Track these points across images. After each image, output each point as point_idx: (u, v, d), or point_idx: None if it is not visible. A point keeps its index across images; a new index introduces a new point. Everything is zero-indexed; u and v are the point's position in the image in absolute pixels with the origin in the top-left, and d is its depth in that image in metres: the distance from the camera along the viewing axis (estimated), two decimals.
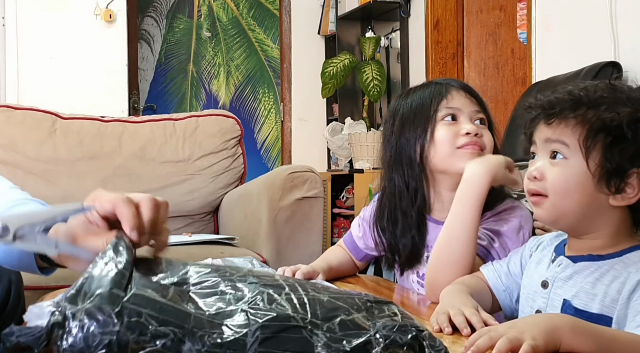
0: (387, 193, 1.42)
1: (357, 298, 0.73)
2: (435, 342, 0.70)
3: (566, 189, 0.96)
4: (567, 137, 0.96)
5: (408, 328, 0.69)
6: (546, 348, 0.78)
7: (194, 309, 0.66)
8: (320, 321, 0.67)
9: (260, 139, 5.21)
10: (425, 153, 1.36)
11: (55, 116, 2.76)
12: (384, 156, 1.44)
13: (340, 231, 4.67)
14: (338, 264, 1.50)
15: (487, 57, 3.95)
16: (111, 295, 0.63)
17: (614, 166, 0.94)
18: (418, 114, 1.39)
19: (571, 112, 0.96)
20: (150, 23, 5.05)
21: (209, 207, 2.80)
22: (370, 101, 4.59)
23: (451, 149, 1.34)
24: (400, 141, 1.40)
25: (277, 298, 0.68)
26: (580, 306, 0.95)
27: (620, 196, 0.95)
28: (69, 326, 0.61)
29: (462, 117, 1.37)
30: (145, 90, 5.02)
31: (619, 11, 2.76)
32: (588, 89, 0.98)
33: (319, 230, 2.42)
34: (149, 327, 0.62)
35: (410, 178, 1.39)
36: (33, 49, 4.07)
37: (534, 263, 1.08)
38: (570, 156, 0.96)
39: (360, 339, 0.66)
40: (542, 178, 0.99)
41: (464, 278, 1.18)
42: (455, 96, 1.38)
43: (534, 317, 0.96)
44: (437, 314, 0.98)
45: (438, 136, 1.35)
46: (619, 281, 0.93)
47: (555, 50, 3.14)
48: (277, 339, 0.64)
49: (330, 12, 5.03)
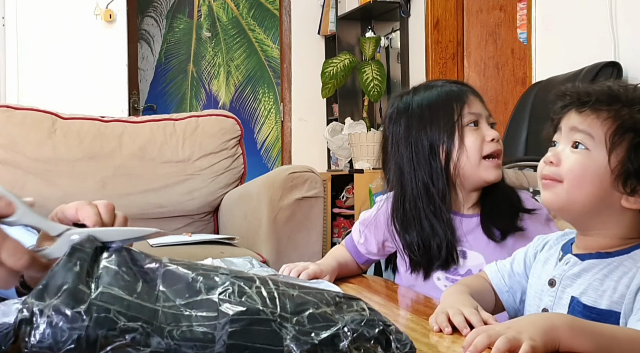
0: (409, 194, 1.40)
1: (326, 293, 0.74)
2: (401, 337, 0.72)
3: (582, 177, 0.96)
4: (595, 128, 0.96)
5: (375, 323, 0.71)
6: (545, 348, 0.78)
7: (163, 300, 0.66)
8: (290, 315, 0.68)
9: (260, 139, 5.21)
10: (452, 157, 1.37)
11: (55, 116, 2.76)
12: (396, 155, 1.42)
13: (340, 231, 4.67)
14: (344, 263, 1.50)
15: (487, 57, 3.95)
16: (78, 291, 0.63)
17: (635, 167, 0.94)
18: (437, 117, 1.39)
19: (605, 105, 0.96)
20: (150, 23, 5.05)
21: (209, 207, 2.80)
22: (370, 101, 4.59)
23: (478, 158, 1.37)
24: (420, 141, 1.39)
25: (248, 291, 0.69)
26: (589, 303, 0.95)
27: (633, 199, 0.95)
28: (36, 322, 0.61)
29: (482, 123, 1.39)
30: (145, 90, 5.02)
31: (619, 11, 2.77)
32: (626, 88, 0.98)
33: (319, 230, 2.42)
34: (118, 322, 0.62)
35: (437, 180, 1.38)
36: (33, 49, 4.07)
37: (541, 263, 1.08)
38: (592, 148, 0.96)
39: (328, 332, 0.67)
40: (558, 164, 0.98)
41: (466, 279, 1.18)
42: (473, 101, 1.40)
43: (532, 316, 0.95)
44: (437, 314, 0.98)
45: (468, 142, 1.37)
46: (628, 277, 0.93)
47: (555, 50, 3.14)
48: (246, 332, 0.65)
49: (330, 12, 5.04)
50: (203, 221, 2.81)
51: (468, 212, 1.42)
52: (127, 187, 2.69)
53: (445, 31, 4.15)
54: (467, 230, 1.39)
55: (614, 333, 0.84)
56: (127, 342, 0.62)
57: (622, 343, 0.82)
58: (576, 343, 0.80)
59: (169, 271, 0.69)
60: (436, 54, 4.15)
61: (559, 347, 0.79)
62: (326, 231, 4.45)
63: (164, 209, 2.72)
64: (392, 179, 1.44)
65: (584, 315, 0.94)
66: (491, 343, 0.79)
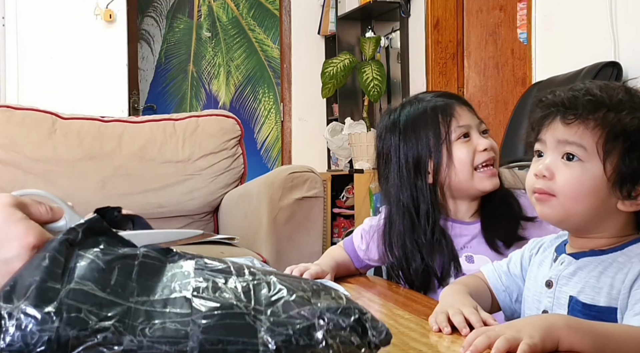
0: (396, 219, 1.40)
1: (303, 281, 0.74)
2: (377, 324, 0.71)
3: (579, 191, 0.95)
4: (586, 139, 0.94)
5: (351, 311, 0.70)
6: (543, 347, 0.78)
7: (137, 295, 0.65)
8: (264, 306, 0.68)
9: (260, 139, 5.21)
10: (441, 173, 1.37)
11: (55, 116, 2.76)
12: (386, 178, 1.42)
13: (340, 231, 4.67)
14: (343, 263, 1.50)
15: (487, 57, 3.95)
16: (47, 289, 0.62)
17: (629, 171, 0.93)
18: (425, 133, 1.38)
19: (591, 113, 0.94)
20: (150, 23, 5.06)
21: (209, 207, 2.80)
22: (370, 101, 4.59)
23: (470, 170, 1.36)
24: (407, 161, 1.39)
25: (222, 286, 0.69)
26: (588, 301, 0.95)
27: (629, 202, 0.95)
28: (5, 325, 0.60)
29: (474, 133, 1.38)
30: (145, 90, 5.02)
31: (619, 11, 2.77)
32: (607, 91, 0.96)
33: (319, 230, 2.42)
34: (89, 322, 0.61)
35: (422, 201, 1.37)
36: (33, 49, 4.07)
37: (536, 265, 1.08)
38: (586, 159, 0.95)
39: (303, 323, 0.67)
40: (551, 177, 0.97)
41: (463, 278, 1.18)
42: (461, 113, 1.38)
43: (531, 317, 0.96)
44: (436, 314, 0.98)
45: (458, 156, 1.36)
46: (623, 273, 0.93)
47: (555, 50, 3.14)
48: (219, 326, 0.65)
49: (330, 12, 5.04)
50: (203, 221, 2.81)
51: (470, 219, 1.41)
52: (127, 187, 2.69)
53: (445, 31, 4.15)
54: (471, 236, 1.40)
55: (610, 330, 0.84)
56: (99, 341, 0.61)
57: (619, 340, 0.82)
58: (574, 342, 0.80)
59: (144, 263, 0.68)
60: (436, 54, 4.15)
61: (558, 346, 0.80)
62: (326, 231, 4.45)
63: (164, 209, 2.72)
64: (383, 196, 1.44)
65: (583, 313, 0.94)
66: (491, 343, 0.79)
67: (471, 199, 1.41)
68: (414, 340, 0.94)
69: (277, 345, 0.65)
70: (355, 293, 1.32)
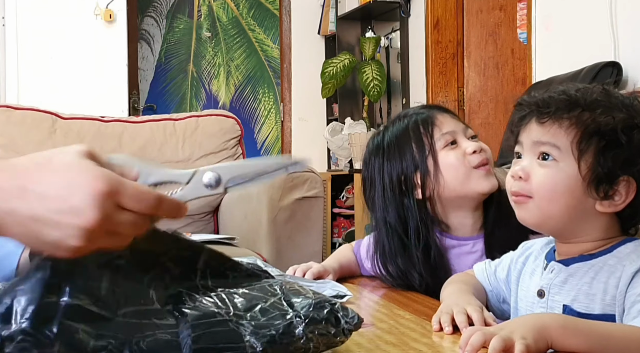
0: (386, 242, 1.36)
1: (268, 286, 0.77)
2: (347, 312, 0.78)
3: (553, 191, 0.94)
4: (560, 138, 0.94)
5: (323, 304, 0.76)
6: (536, 346, 0.78)
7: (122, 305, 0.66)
8: (243, 312, 0.71)
9: (260, 139, 5.21)
10: (429, 185, 1.32)
11: (55, 116, 2.76)
12: (373, 204, 1.38)
13: (340, 231, 4.67)
14: (347, 264, 1.49)
15: (487, 57, 3.95)
16: (45, 307, 0.61)
17: (605, 171, 0.92)
18: (408, 148, 1.34)
19: (566, 113, 0.94)
20: (150, 23, 5.06)
21: (209, 207, 2.80)
22: (370, 101, 4.59)
23: (467, 171, 1.31)
24: (392, 179, 1.35)
25: (197, 297, 0.72)
26: (582, 310, 0.94)
27: (607, 203, 0.93)
28: (7, 348, 0.60)
29: (460, 139, 1.34)
30: (145, 90, 5.02)
31: (619, 11, 2.76)
32: (583, 91, 0.96)
33: (319, 230, 2.42)
34: (88, 343, 0.62)
35: (411, 217, 1.33)
36: (33, 49, 4.07)
37: (528, 275, 1.06)
38: (560, 159, 0.94)
39: (283, 322, 0.72)
40: (527, 179, 0.96)
41: (461, 277, 1.18)
42: (443, 121, 1.35)
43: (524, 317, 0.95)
44: (441, 313, 0.98)
45: (447, 163, 1.32)
46: (616, 277, 0.92)
47: (555, 50, 3.14)
48: (208, 335, 0.67)
49: (330, 12, 5.04)
50: (203, 221, 2.81)
51: (477, 233, 1.36)
52: None
53: (445, 31, 4.15)
54: (479, 252, 1.34)
55: (609, 331, 0.84)
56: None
57: (617, 339, 0.82)
58: (569, 342, 0.80)
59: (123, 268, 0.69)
60: (436, 54, 4.15)
61: (552, 346, 0.80)
62: (326, 231, 4.45)
63: None
64: (372, 221, 1.41)
65: None
66: (486, 341, 0.79)
67: (472, 209, 1.35)
68: (414, 340, 0.94)
69: (263, 346, 0.69)
70: (356, 293, 1.32)
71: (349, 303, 1.19)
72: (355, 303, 1.23)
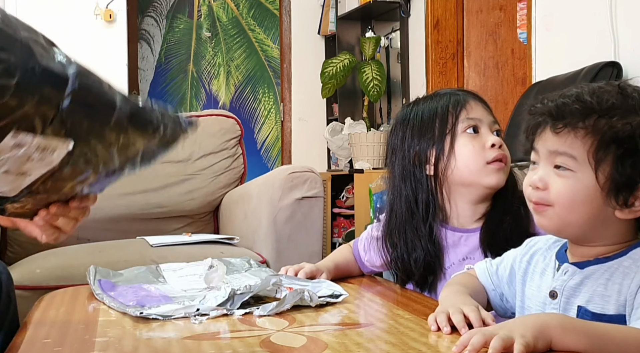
0: (397, 208, 1.38)
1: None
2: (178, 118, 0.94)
3: (572, 201, 0.93)
4: (576, 149, 0.92)
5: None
6: (535, 346, 0.78)
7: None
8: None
9: (260, 139, 5.21)
10: (441, 164, 1.33)
11: None
12: (392, 170, 1.41)
13: (340, 231, 4.67)
14: (345, 264, 1.49)
15: (487, 57, 3.95)
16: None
17: (624, 179, 0.91)
18: (432, 124, 1.35)
19: (581, 121, 0.92)
20: (150, 23, 5.06)
21: (209, 207, 2.80)
22: (370, 101, 4.59)
23: (481, 164, 1.31)
24: (410, 151, 1.37)
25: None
26: (597, 311, 0.93)
27: (627, 210, 0.92)
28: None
29: (483, 129, 1.34)
30: (145, 90, 5.02)
31: (619, 11, 2.76)
32: (599, 95, 0.93)
33: (319, 230, 2.42)
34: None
35: (421, 191, 1.35)
36: None
37: (538, 274, 1.05)
38: (577, 169, 0.93)
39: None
40: (545, 188, 0.96)
41: (459, 278, 1.18)
42: (474, 106, 1.35)
43: (524, 316, 0.95)
44: (437, 314, 0.98)
45: (462, 149, 1.32)
46: (630, 278, 0.91)
47: (555, 50, 3.14)
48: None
49: (330, 12, 5.03)
50: (203, 221, 2.81)
51: (474, 225, 1.36)
52: (127, 187, 2.68)
53: (445, 31, 4.15)
54: (474, 245, 1.34)
55: (609, 331, 0.83)
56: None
57: (617, 339, 0.82)
58: (569, 342, 0.80)
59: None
60: (436, 54, 4.15)
61: (552, 345, 0.80)
62: (326, 231, 4.45)
63: (163, 209, 2.72)
64: (388, 187, 1.43)
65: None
66: (487, 342, 0.79)
67: (473, 202, 1.35)
68: (414, 340, 0.94)
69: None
70: (355, 293, 1.32)
71: (346, 302, 1.19)
72: (355, 303, 1.23)
